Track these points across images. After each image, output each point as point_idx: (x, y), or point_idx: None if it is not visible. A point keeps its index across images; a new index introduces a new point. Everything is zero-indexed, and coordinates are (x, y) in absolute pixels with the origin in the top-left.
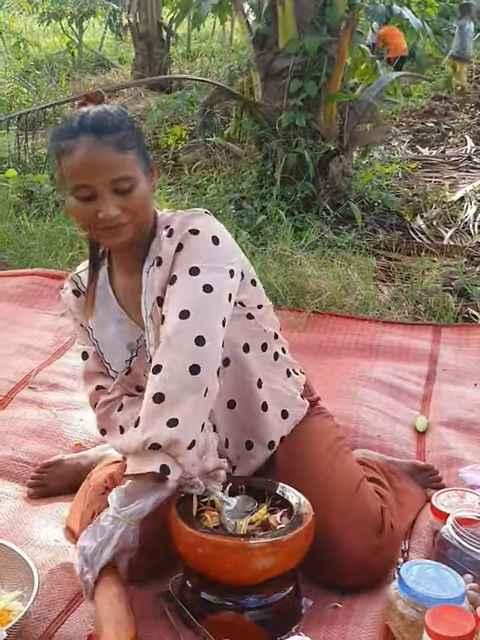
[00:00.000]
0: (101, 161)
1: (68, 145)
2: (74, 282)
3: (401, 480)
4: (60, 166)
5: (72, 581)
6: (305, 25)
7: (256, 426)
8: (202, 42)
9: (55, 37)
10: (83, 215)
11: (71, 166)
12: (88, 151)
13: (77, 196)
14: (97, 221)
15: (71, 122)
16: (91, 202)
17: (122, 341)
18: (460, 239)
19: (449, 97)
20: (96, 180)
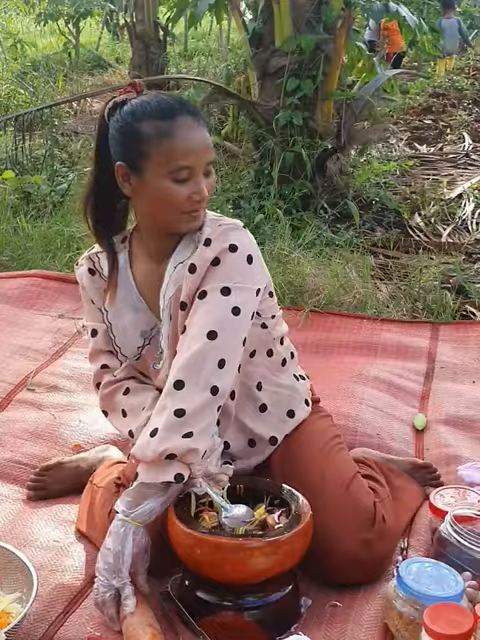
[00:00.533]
0: (202, 143)
1: (167, 125)
2: (91, 261)
3: (399, 478)
4: (145, 151)
5: (71, 582)
6: (301, 24)
7: (255, 426)
8: (199, 41)
9: (52, 38)
10: (175, 199)
11: (170, 148)
12: (190, 133)
13: (175, 178)
14: (187, 204)
15: (163, 103)
16: (186, 184)
17: (136, 328)
18: (458, 236)
19: (447, 94)
20: (197, 162)
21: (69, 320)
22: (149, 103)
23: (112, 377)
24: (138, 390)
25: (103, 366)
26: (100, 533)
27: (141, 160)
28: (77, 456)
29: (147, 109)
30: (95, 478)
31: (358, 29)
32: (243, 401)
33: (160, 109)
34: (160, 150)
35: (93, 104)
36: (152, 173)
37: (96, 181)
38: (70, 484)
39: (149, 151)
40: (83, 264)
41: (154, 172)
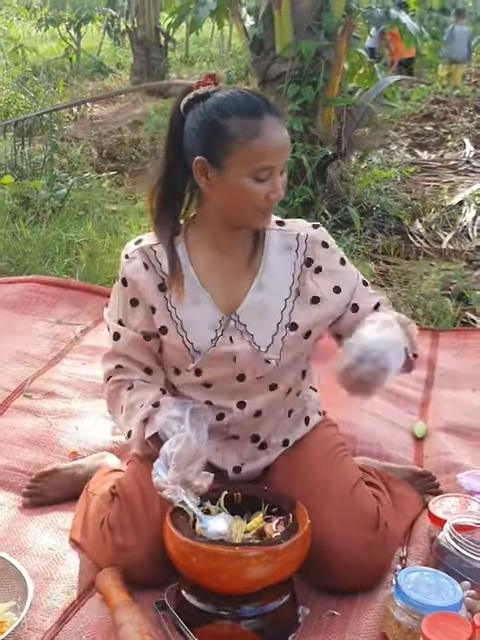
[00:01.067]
0: (285, 144)
1: (255, 124)
2: (145, 255)
3: (399, 485)
4: (230, 148)
5: (67, 590)
6: (302, 30)
7: (274, 430)
8: (200, 47)
9: (53, 43)
10: (254, 197)
11: (257, 147)
12: (277, 133)
13: (257, 177)
14: (263, 202)
15: (250, 101)
16: (265, 183)
17: (204, 321)
18: (459, 243)
19: (448, 101)
20: (279, 161)
21: (67, 326)
22: (236, 99)
23: (124, 376)
24: (141, 387)
25: (118, 366)
26: (93, 543)
27: (223, 156)
28: (73, 463)
29: (234, 105)
30: (91, 486)
31: (359, 36)
32: (273, 407)
33: (248, 107)
34: (245, 148)
35: (93, 109)
36: (233, 170)
37: (166, 173)
38: (66, 491)
39: (233, 148)
40: (136, 257)
41: (236, 169)
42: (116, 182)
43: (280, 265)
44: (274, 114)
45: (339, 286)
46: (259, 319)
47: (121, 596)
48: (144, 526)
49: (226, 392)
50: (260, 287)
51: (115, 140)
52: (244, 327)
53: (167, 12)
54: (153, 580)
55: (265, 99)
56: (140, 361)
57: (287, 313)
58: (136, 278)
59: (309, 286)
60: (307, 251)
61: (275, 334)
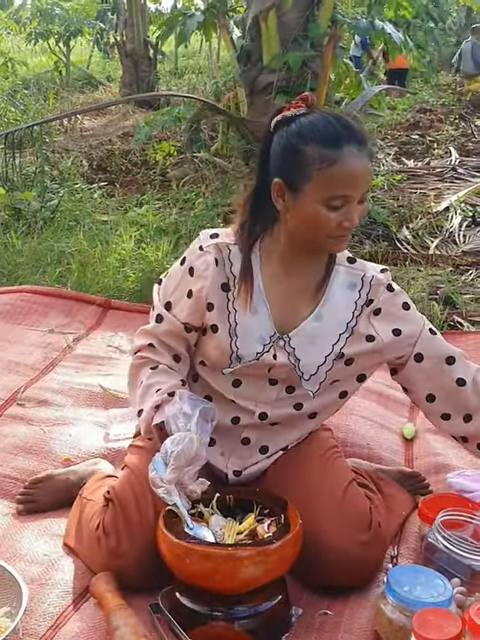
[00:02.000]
0: (363, 174)
1: (333, 154)
2: (220, 251)
3: (389, 486)
4: (307, 172)
5: (61, 596)
6: (288, 41)
7: (283, 437)
8: (189, 59)
9: (43, 56)
10: (326, 224)
11: (333, 176)
12: (354, 164)
13: (329, 204)
14: (335, 229)
15: (332, 129)
16: (339, 210)
17: (257, 332)
18: (446, 249)
19: (434, 110)
20: (356, 191)
21: (59, 335)
22: (317, 126)
23: (152, 355)
24: (164, 372)
25: (150, 344)
26: (87, 548)
27: (300, 181)
28: (67, 469)
29: (314, 133)
30: (84, 492)
31: (345, 46)
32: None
33: (328, 136)
34: (322, 176)
35: (84, 121)
36: (308, 196)
37: (255, 188)
38: (60, 497)
39: (310, 175)
40: (210, 252)
41: (310, 195)
42: (107, 193)
43: (342, 301)
44: (355, 144)
45: (399, 329)
46: (309, 347)
47: (115, 600)
48: (138, 531)
49: (251, 394)
50: (319, 317)
51: (105, 151)
52: (293, 350)
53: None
54: (147, 584)
55: (349, 128)
56: (173, 347)
57: (339, 347)
58: (205, 274)
59: (366, 327)
60: (370, 293)
61: (322, 364)
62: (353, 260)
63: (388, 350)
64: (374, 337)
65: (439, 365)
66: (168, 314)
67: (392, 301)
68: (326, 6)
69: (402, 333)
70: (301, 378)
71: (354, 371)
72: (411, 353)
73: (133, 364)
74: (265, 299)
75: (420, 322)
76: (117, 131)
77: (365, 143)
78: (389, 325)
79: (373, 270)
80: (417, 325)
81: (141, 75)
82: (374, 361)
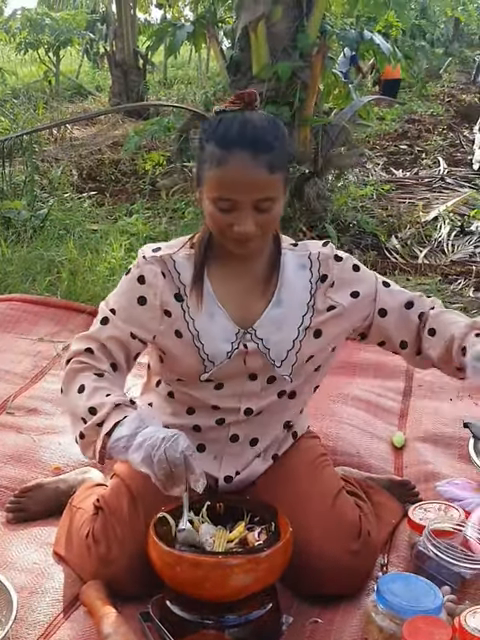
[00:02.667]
0: (251, 181)
1: (220, 155)
2: (164, 263)
3: (379, 494)
4: (204, 169)
5: (52, 604)
6: (278, 51)
7: (272, 437)
8: (179, 70)
9: (32, 66)
10: (218, 222)
11: (218, 178)
12: (241, 169)
13: (217, 205)
14: (230, 232)
15: (227, 130)
16: (229, 213)
17: (220, 334)
18: (434, 258)
19: (422, 120)
20: (241, 198)
21: (49, 343)
22: (221, 127)
23: (90, 360)
24: (112, 381)
25: (88, 349)
26: (77, 556)
27: (201, 176)
28: (57, 478)
29: (215, 132)
30: (74, 500)
31: (334, 57)
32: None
33: (222, 137)
34: (209, 176)
35: (73, 131)
36: (205, 192)
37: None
38: (50, 506)
39: (205, 172)
40: (154, 263)
41: (206, 192)
42: (97, 202)
43: (297, 282)
44: (248, 150)
45: (356, 291)
46: (276, 334)
47: (106, 608)
48: (128, 539)
49: (234, 393)
50: (278, 303)
51: (95, 161)
52: (260, 341)
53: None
54: (137, 592)
55: (249, 132)
56: (113, 354)
57: (304, 329)
58: (154, 281)
59: (323, 301)
60: (321, 268)
61: (290, 349)
62: (295, 244)
63: (350, 313)
64: (334, 306)
65: (402, 313)
66: (114, 317)
67: (343, 268)
68: (315, 17)
69: (360, 294)
70: (274, 365)
71: (325, 342)
72: (374, 310)
73: (70, 368)
74: (218, 302)
75: (373, 279)
76: (107, 140)
77: (264, 152)
78: (346, 291)
79: (316, 247)
80: (371, 283)
81: (130, 85)
82: (342, 327)
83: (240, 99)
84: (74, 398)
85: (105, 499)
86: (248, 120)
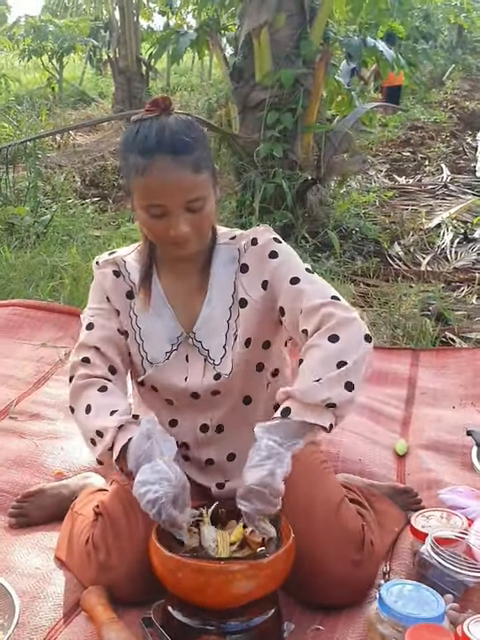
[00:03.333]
0: (177, 184)
1: (143, 164)
2: (115, 264)
3: (381, 502)
4: (130, 179)
5: (53, 609)
6: (281, 58)
7: (248, 446)
8: (181, 77)
9: (36, 73)
10: (153, 229)
11: (145, 185)
12: (164, 174)
13: (149, 212)
14: (167, 236)
15: (146, 138)
16: (162, 219)
17: (163, 334)
18: (437, 265)
19: (425, 127)
20: (170, 201)
21: (52, 349)
22: (137, 135)
23: (90, 371)
24: (115, 392)
25: (84, 359)
26: (78, 562)
27: (129, 186)
28: (59, 483)
29: (133, 141)
30: (76, 505)
31: (337, 64)
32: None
33: (142, 146)
34: (136, 185)
35: (76, 137)
36: (135, 202)
37: None
38: (52, 511)
39: (131, 182)
40: (106, 266)
41: (136, 202)
42: (100, 208)
43: (224, 277)
44: (168, 154)
45: (267, 280)
46: (212, 334)
47: (107, 614)
48: (127, 545)
49: (187, 409)
50: (209, 302)
51: (98, 167)
52: (200, 344)
53: (148, 42)
54: (137, 598)
55: (167, 136)
56: (109, 356)
57: (233, 321)
58: (107, 283)
59: (238, 289)
60: (242, 256)
61: (225, 344)
62: (234, 236)
63: (260, 305)
64: (246, 300)
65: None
66: (98, 319)
67: (258, 253)
68: (318, 24)
69: (268, 285)
70: (213, 365)
71: (245, 336)
72: (277, 306)
73: (75, 385)
74: (166, 302)
75: (286, 270)
76: (109, 147)
77: (185, 153)
78: (257, 280)
79: (250, 235)
80: (283, 275)
81: (134, 92)
82: (255, 319)
83: (156, 105)
84: (83, 419)
85: (105, 505)
86: (165, 125)
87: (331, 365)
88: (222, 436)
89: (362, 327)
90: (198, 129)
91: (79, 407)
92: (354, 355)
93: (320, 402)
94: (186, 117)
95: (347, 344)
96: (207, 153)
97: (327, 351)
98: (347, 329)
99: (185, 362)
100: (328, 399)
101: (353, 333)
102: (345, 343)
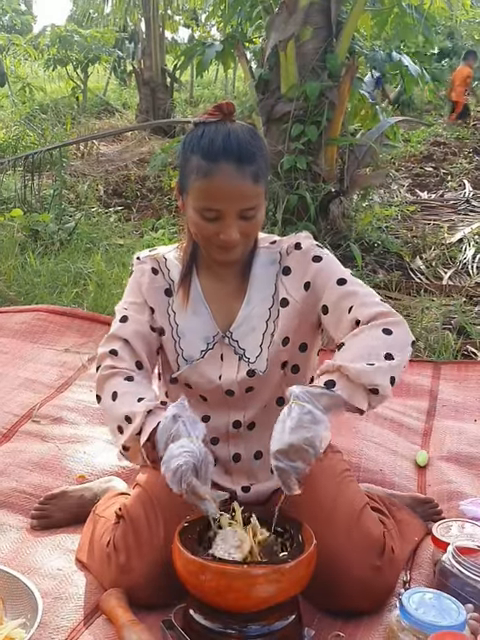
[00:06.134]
0: (237, 191)
1: (207, 167)
2: (156, 261)
3: (402, 511)
4: (189, 180)
5: (75, 610)
6: (306, 71)
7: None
8: (205, 89)
9: (61, 82)
10: (203, 231)
11: (205, 189)
12: (226, 180)
13: (203, 215)
14: (216, 240)
15: (212, 142)
16: (215, 222)
17: (200, 332)
18: (459, 279)
19: (447, 143)
20: (227, 208)
21: (75, 354)
22: (205, 138)
23: (116, 364)
24: (142, 383)
25: (112, 351)
26: (99, 564)
27: (185, 186)
28: (81, 486)
29: (200, 144)
30: (98, 508)
31: (361, 77)
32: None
33: (207, 149)
34: (197, 187)
35: (100, 147)
36: (190, 202)
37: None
38: (74, 513)
39: (190, 183)
40: (146, 262)
41: (191, 202)
42: (123, 217)
43: (264, 278)
44: (233, 162)
45: (309, 282)
46: (250, 333)
47: (127, 615)
48: (147, 548)
49: (221, 406)
50: (248, 302)
51: (121, 177)
52: (237, 343)
53: (172, 55)
54: (156, 601)
55: (234, 143)
56: (137, 351)
57: (272, 321)
58: (144, 279)
59: (279, 290)
60: (286, 259)
61: (262, 343)
62: (274, 241)
63: (301, 306)
64: (287, 300)
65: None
66: (132, 313)
67: (301, 257)
68: (344, 37)
69: (311, 286)
70: (248, 362)
71: (283, 335)
72: (319, 305)
73: (101, 375)
74: (205, 301)
75: (332, 271)
76: (133, 157)
77: (248, 163)
78: (299, 282)
79: (291, 240)
80: (327, 276)
81: (157, 103)
82: (295, 319)
83: (219, 110)
84: (109, 407)
85: (126, 508)
86: (231, 131)
87: (380, 354)
88: (252, 433)
89: (410, 334)
90: (260, 139)
91: (105, 395)
92: (401, 354)
93: (368, 385)
94: (249, 126)
95: (398, 341)
96: (266, 164)
97: (379, 339)
98: (400, 328)
99: (220, 361)
100: (376, 385)
101: (404, 334)
102: (396, 339)
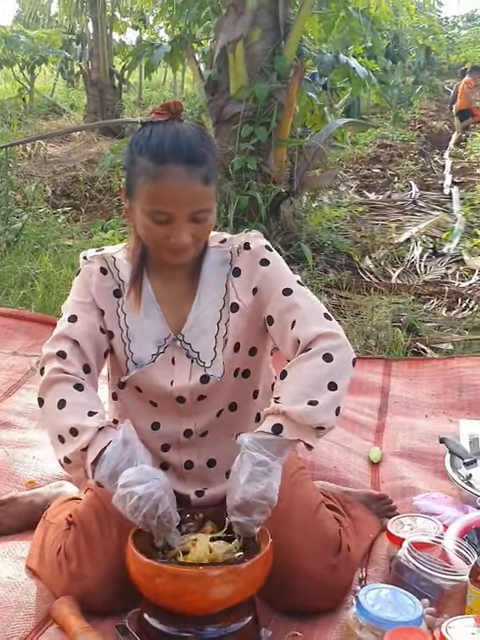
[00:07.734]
0: (187, 194)
1: (155, 170)
2: (105, 261)
3: (356, 509)
4: (136, 182)
5: (25, 618)
6: (255, 72)
7: (229, 453)
8: (154, 90)
9: (7, 83)
10: (153, 234)
11: (154, 192)
12: (176, 183)
13: (153, 218)
14: (166, 243)
15: (160, 143)
16: (165, 225)
17: (151, 335)
18: (407, 278)
19: (394, 145)
20: (178, 211)
21: (23, 357)
22: (150, 139)
23: (64, 366)
24: (92, 394)
25: (60, 353)
26: (49, 572)
27: (133, 189)
28: (31, 491)
29: (146, 145)
30: (48, 514)
31: (309, 79)
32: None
33: (156, 151)
34: (144, 189)
35: (47, 148)
36: (138, 206)
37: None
38: (24, 520)
39: (137, 185)
40: (94, 261)
41: (140, 206)
42: (72, 218)
43: (214, 279)
44: (182, 164)
45: (256, 287)
46: (201, 336)
47: (80, 623)
48: (100, 554)
49: (171, 413)
50: (198, 305)
51: (70, 178)
52: (189, 346)
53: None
54: (109, 607)
55: (183, 145)
56: (86, 353)
57: (223, 323)
58: (92, 279)
59: (230, 292)
60: (236, 260)
61: (215, 346)
62: (224, 240)
63: (250, 311)
64: (237, 305)
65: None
66: (81, 313)
67: (250, 260)
68: (293, 40)
69: (257, 292)
70: (204, 367)
71: (234, 340)
72: (265, 314)
73: (47, 379)
74: (156, 303)
75: (280, 278)
76: (81, 158)
77: (198, 164)
78: (249, 286)
79: (241, 239)
80: (274, 283)
81: (106, 104)
82: (243, 325)
83: (167, 109)
84: (54, 413)
85: (78, 514)
86: (180, 132)
87: (322, 386)
88: (205, 441)
89: (351, 351)
90: (210, 139)
91: (50, 399)
92: (343, 380)
93: (314, 425)
94: (198, 126)
95: (339, 367)
96: (215, 165)
97: (321, 368)
98: (340, 352)
99: (171, 365)
100: (322, 424)
101: (345, 356)
102: (337, 366)
